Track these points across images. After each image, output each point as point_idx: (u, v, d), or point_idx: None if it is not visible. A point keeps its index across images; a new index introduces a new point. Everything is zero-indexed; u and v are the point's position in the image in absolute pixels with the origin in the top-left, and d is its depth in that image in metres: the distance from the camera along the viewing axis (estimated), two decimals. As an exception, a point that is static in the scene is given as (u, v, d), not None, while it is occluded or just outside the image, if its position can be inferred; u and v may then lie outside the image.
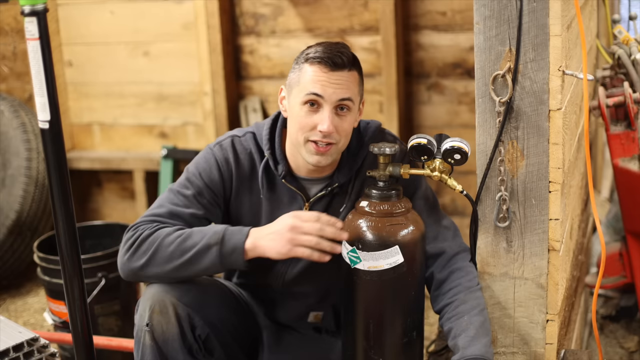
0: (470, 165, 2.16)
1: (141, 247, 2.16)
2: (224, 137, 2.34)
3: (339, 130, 2.16)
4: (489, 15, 2.00)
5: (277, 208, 2.29)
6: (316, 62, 2.14)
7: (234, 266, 2.15)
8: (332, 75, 2.14)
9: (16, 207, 4.16)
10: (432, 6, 3.98)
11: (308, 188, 2.30)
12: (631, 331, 3.53)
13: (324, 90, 2.13)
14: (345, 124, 2.17)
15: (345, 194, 2.29)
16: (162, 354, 2.18)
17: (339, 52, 2.15)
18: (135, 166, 4.43)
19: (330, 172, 2.28)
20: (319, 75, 2.14)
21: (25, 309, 4.13)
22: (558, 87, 2.00)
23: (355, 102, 2.19)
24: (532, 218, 2.09)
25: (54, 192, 1.89)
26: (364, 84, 2.25)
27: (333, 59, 2.13)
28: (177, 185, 2.28)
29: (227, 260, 2.12)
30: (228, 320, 2.32)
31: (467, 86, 4.00)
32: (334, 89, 2.13)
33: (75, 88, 4.52)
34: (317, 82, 2.13)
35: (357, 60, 2.21)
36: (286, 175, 2.27)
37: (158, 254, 2.14)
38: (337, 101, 2.14)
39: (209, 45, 4.17)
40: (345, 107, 2.16)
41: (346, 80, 2.15)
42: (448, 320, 2.14)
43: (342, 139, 2.19)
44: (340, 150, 2.22)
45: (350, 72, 2.16)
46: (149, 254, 2.14)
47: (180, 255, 2.13)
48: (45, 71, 1.81)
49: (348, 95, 2.15)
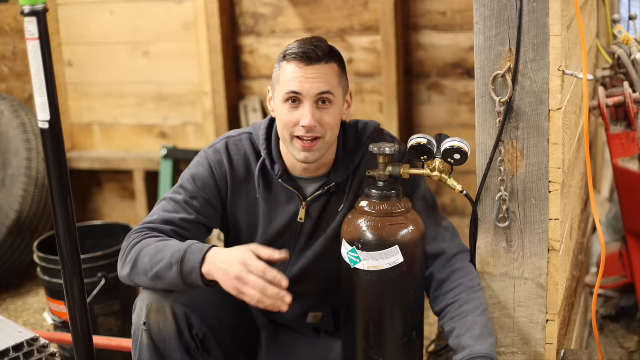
0: (470, 165, 2.16)
1: (128, 256, 2.19)
2: (219, 140, 2.35)
3: (322, 123, 2.16)
4: (489, 15, 2.00)
5: (274, 208, 2.29)
6: (292, 58, 2.16)
7: (198, 286, 2.10)
8: (309, 70, 2.15)
9: (16, 207, 4.16)
10: (432, 6, 3.98)
11: (305, 188, 2.30)
12: (631, 331, 3.53)
13: (301, 87, 2.14)
14: (328, 117, 2.17)
15: (342, 193, 2.29)
16: (159, 353, 2.18)
17: (313, 47, 2.15)
18: (135, 166, 4.43)
19: (326, 171, 2.28)
20: (296, 72, 2.15)
21: (25, 309, 4.13)
22: (558, 87, 2.00)
23: (337, 94, 2.19)
24: (532, 218, 2.09)
25: (54, 192, 1.89)
26: (347, 76, 2.25)
27: (308, 53, 2.14)
28: (171, 193, 2.30)
29: (189, 280, 2.09)
30: (226, 320, 2.32)
31: (467, 86, 4.00)
32: (311, 84, 2.14)
33: (75, 88, 4.52)
34: (295, 79, 2.15)
35: (335, 52, 2.21)
36: (283, 174, 2.27)
37: (138, 264, 2.16)
38: (316, 95, 2.15)
39: (209, 45, 4.17)
40: (327, 100, 2.17)
41: (323, 73, 2.16)
42: (451, 320, 2.13)
43: (328, 132, 2.18)
44: (327, 144, 2.21)
45: (328, 65, 2.17)
46: (131, 263, 2.17)
47: (151, 268, 2.14)
48: (45, 71, 1.81)
49: (327, 89, 2.16)
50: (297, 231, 2.31)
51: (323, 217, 2.30)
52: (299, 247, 2.32)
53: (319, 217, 2.30)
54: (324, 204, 2.29)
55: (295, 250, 2.33)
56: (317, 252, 2.31)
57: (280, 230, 2.30)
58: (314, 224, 2.30)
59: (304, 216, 2.28)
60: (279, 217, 2.30)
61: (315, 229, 2.30)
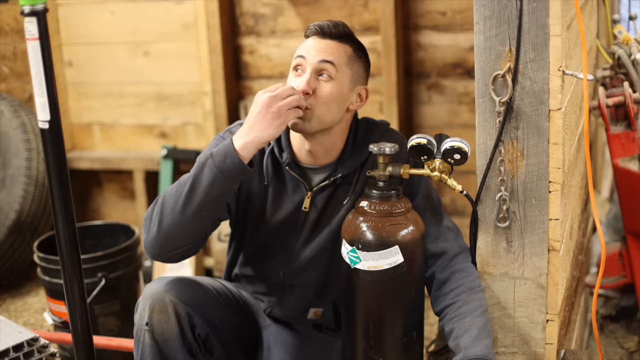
0: (470, 165, 2.16)
1: (152, 215, 2.15)
2: (234, 125, 2.35)
3: (316, 94, 2.18)
4: (489, 15, 2.01)
5: (281, 196, 2.30)
6: (310, 32, 2.24)
7: (236, 171, 2.06)
8: (319, 42, 2.22)
9: (16, 207, 4.16)
10: (432, 6, 3.98)
11: (311, 177, 2.30)
12: (631, 331, 3.53)
13: (306, 52, 2.21)
14: (324, 90, 2.18)
15: (349, 185, 2.29)
16: (161, 353, 2.18)
17: (331, 24, 2.23)
18: (135, 166, 4.42)
19: (330, 161, 2.28)
20: (308, 41, 2.23)
21: (25, 309, 4.13)
22: (558, 87, 2.00)
23: (341, 71, 2.20)
24: (532, 218, 2.09)
25: (54, 192, 1.89)
26: (365, 69, 2.28)
27: (324, 28, 2.22)
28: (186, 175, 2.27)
29: (225, 167, 2.06)
30: (228, 320, 2.32)
31: (467, 86, 4.00)
32: (316, 51, 2.19)
33: (75, 88, 4.52)
34: (304, 46, 2.23)
35: (353, 38, 2.26)
36: (290, 163, 2.27)
37: (165, 205, 2.12)
38: (317, 62, 2.18)
39: (209, 45, 4.17)
40: (326, 72, 2.18)
41: (332, 47, 2.21)
42: (450, 321, 2.13)
43: (320, 106, 2.18)
44: (319, 119, 2.19)
45: (340, 44, 2.22)
46: (159, 213, 2.13)
47: (182, 189, 2.10)
48: (45, 71, 1.81)
49: (329, 58, 2.18)
50: (302, 220, 2.31)
51: (328, 208, 2.30)
52: (303, 237, 2.33)
53: (324, 208, 2.30)
54: (330, 194, 2.29)
55: (299, 240, 2.33)
56: (321, 242, 2.31)
57: (285, 218, 2.31)
58: (318, 214, 2.30)
59: (308, 205, 2.28)
60: (285, 205, 2.30)
61: (319, 219, 2.30)
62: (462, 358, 2.03)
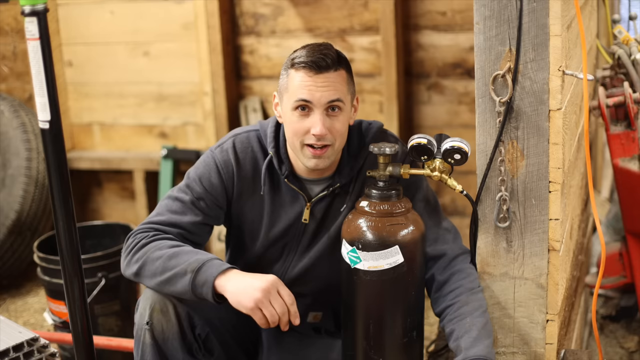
0: (470, 165, 2.16)
1: (135, 255, 2.18)
2: (226, 138, 2.34)
3: (332, 131, 2.16)
4: (489, 15, 2.00)
5: (279, 207, 2.29)
6: (301, 67, 2.14)
7: (206, 298, 2.10)
8: (318, 79, 2.13)
9: (16, 207, 4.16)
10: (432, 6, 3.98)
11: (310, 188, 2.30)
12: (631, 331, 3.53)
13: (311, 95, 2.13)
14: (337, 124, 2.17)
15: (346, 194, 2.29)
16: (162, 353, 2.18)
17: (322, 55, 2.14)
18: (135, 166, 4.42)
19: (331, 173, 2.28)
20: (305, 80, 2.14)
21: (25, 309, 4.13)
22: (558, 87, 2.00)
23: (346, 101, 2.18)
24: (532, 218, 2.09)
25: (54, 192, 1.89)
26: (354, 81, 2.25)
27: (317, 62, 2.13)
28: (177, 191, 2.29)
29: (198, 291, 2.09)
30: (228, 320, 2.32)
31: (467, 86, 4.00)
32: (321, 92, 2.13)
33: (75, 88, 4.51)
34: (304, 87, 2.14)
35: (343, 58, 2.20)
36: (289, 175, 2.27)
37: (147, 266, 2.16)
38: (326, 103, 2.14)
39: (209, 45, 4.17)
40: (336, 107, 2.16)
41: (333, 81, 2.15)
42: (450, 322, 2.13)
43: (337, 139, 2.18)
44: (337, 150, 2.21)
45: (337, 72, 2.16)
46: (139, 263, 2.17)
47: (162, 272, 2.14)
48: (45, 71, 1.81)
49: (337, 97, 2.15)
50: (301, 231, 2.31)
51: (326, 217, 2.30)
52: (302, 247, 2.33)
53: (322, 218, 2.30)
54: (328, 204, 2.29)
55: (298, 250, 2.33)
56: (319, 251, 2.31)
57: (283, 230, 2.31)
58: (317, 224, 2.30)
59: (308, 217, 2.28)
60: (283, 217, 2.30)
61: (318, 229, 2.31)
62: (462, 359, 2.03)
